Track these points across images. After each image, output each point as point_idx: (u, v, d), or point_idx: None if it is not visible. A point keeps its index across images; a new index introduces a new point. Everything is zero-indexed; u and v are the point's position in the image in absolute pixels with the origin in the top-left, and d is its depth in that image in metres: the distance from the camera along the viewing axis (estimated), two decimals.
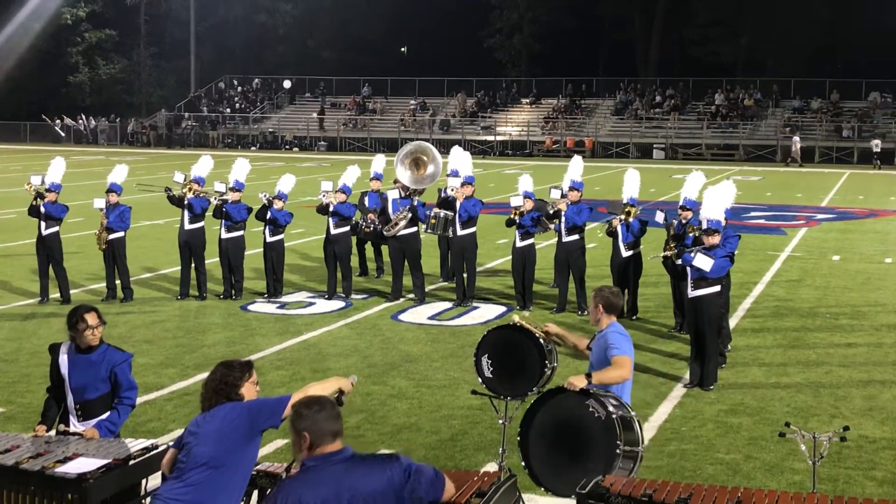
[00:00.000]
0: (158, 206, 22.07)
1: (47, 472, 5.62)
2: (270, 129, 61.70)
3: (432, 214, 15.02)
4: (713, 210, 10.80)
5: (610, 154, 53.83)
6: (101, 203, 14.79)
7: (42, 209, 14.51)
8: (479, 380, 6.84)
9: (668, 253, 11.07)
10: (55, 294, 14.67)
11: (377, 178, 16.68)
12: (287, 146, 59.46)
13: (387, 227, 14.87)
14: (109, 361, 6.43)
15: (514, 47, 67.81)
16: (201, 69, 68.31)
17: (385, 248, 16.15)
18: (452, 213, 14.59)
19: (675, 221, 12.58)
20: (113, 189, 14.82)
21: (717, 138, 53.91)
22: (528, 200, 14.25)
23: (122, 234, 14.71)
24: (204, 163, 15.71)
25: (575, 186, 14.32)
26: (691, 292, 10.55)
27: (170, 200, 15.23)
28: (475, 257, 14.92)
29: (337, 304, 14.65)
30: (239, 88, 67.80)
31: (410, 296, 15.01)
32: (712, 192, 11.08)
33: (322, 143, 59.28)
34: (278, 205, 14.84)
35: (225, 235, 14.89)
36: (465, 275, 14.76)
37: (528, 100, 61.61)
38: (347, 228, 15.10)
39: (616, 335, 6.50)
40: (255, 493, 6.06)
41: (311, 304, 14.76)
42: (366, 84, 64.82)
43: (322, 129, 60.94)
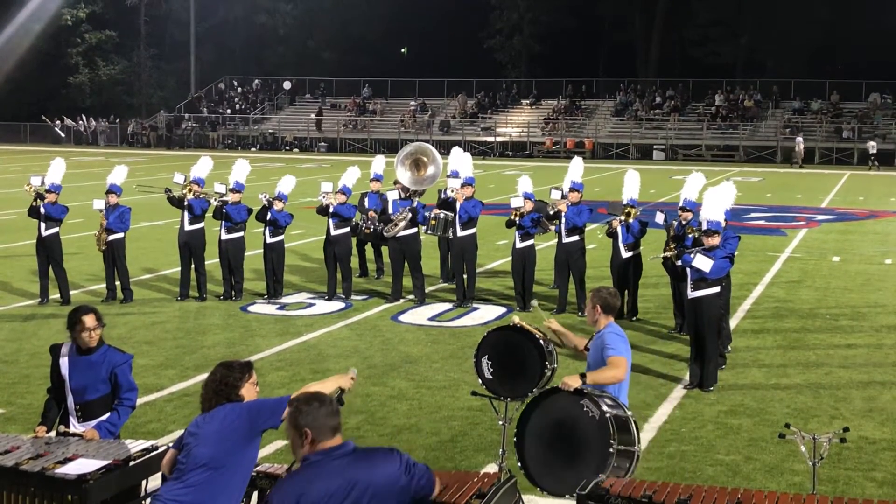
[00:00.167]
0: (158, 207, 22.07)
1: (47, 473, 5.62)
2: (270, 130, 61.71)
3: (432, 216, 15.02)
4: (713, 211, 10.80)
5: (610, 155, 53.84)
6: (100, 204, 14.79)
7: (42, 210, 14.50)
8: (479, 381, 6.84)
9: (667, 254, 11.07)
10: (55, 295, 14.67)
11: (377, 179, 16.70)
12: (287, 147, 59.48)
13: (387, 227, 14.87)
14: (110, 363, 6.44)
15: (514, 48, 67.81)
16: (201, 70, 68.33)
17: (385, 250, 16.15)
18: (452, 214, 14.60)
19: (675, 222, 12.58)
20: (113, 190, 14.82)
21: (717, 139, 53.92)
22: (528, 201, 14.27)
23: (121, 235, 14.71)
24: (204, 164, 15.70)
25: (575, 187, 14.32)
26: (691, 293, 10.55)
27: (170, 201, 15.23)
28: (475, 258, 14.92)
29: (337, 305, 14.65)
30: (239, 89, 67.83)
31: (410, 297, 15.01)
32: (712, 193, 11.08)
33: (322, 144, 59.30)
34: (278, 206, 14.83)
35: (225, 236, 14.89)
36: (465, 276, 14.76)
37: (528, 101, 61.64)
38: (347, 229, 15.10)
39: (612, 336, 6.50)
40: (255, 495, 6.06)
41: (311, 305, 14.76)
42: (366, 85, 64.85)
43: (319, 130, 60.91)
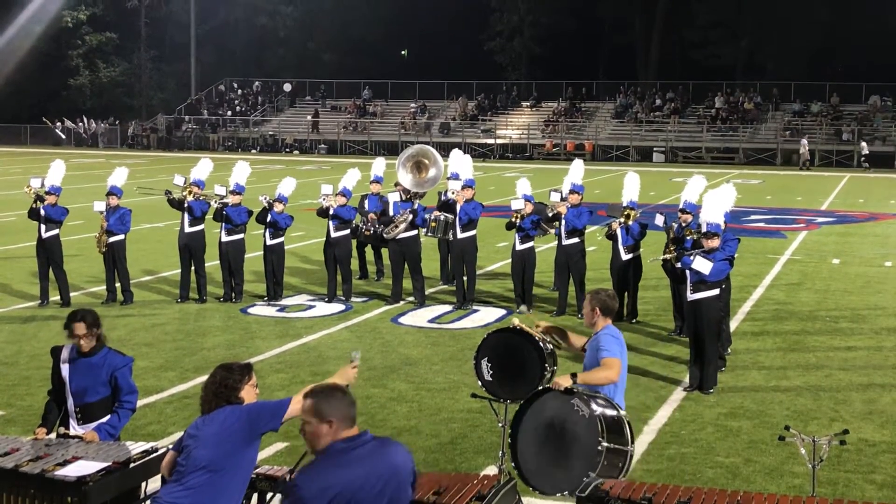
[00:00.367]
0: (158, 208, 22.08)
1: (47, 475, 5.63)
2: (271, 132, 61.71)
3: (432, 218, 15.03)
4: (713, 213, 10.81)
5: (610, 157, 53.85)
6: (101, 206, 14.78)
7: (42, 212, 14.50)
8: (479, 383, 6.84)
9: (667, 256, 11.07)
10: (55, 297, 14.66)
11: (377, 181, 16.70)
12: (287, 149, 59.50)
13: (387, 229, 14.87)
14: (110, 365, 6.45)
15: (515, 50, 67.82)
16: (202, 72, 68.33)
17: (385, 252, 16.15)
18: (452, 216, 14.60)
19: (675, 224, 12.58)
20: (113, 192, 14.82)
21: (717, 141, 53.93)
22: (528, 204, 14.28)
23: (122, 237, 14.70)
24: (204, 166, 15.69)
25: (575, 189, 14.33)
26: (690, 295, 10.55)
27: (170, 203, 15.22)
28: (475, 260, 14.92)
29: (337, 308, 14.64)
30: (239, 91, 67.85)
31: (410, 299, 15.01)
32: (712, 195, 11.09)
33: (322, 146, 59.31)
34: (278, 208, 14.83)
35: (225, 238, 14.88)
36: (465, 278, 14.76)
37: (528, 103, 61.64)
38: (347, 231, 15.10)
39: (608, 337, 6.50)
40: (255, 497, 6.06)
41: (311, 307, 14.76)
42: (366, 87, 64.87)
43: (317, 131, 60.87)
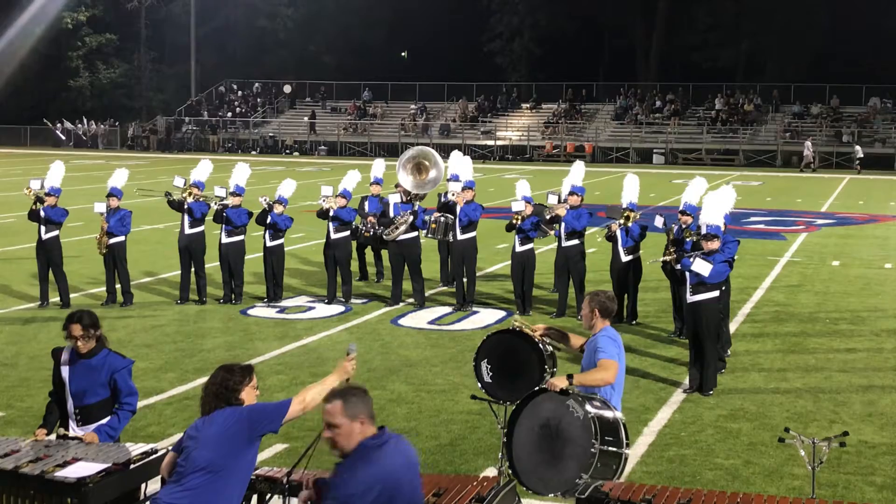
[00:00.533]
0: (159, 210, 22.08)
1: (47, 476, 5.63)
2: (271, 134, 61.70)
3: (433, 219, 15.03)
4: (712, 215, 10.82)
5: (610, 159, 53.86)
6: (101, 207, 14.78)
7: (42, 213, 14.51)
8: (479, 384, 6.84)
9: (667, 258, 11.08)
10: (55, 298, 14.67)
11: (377, 182, 16.71)
12: (287, 150, 59.50)
13: (387, 230, 14.87)
14: (110, 367, 6.44)
15: (515, 52, 67.80)
16: (202, 73, 68.32)
17: (385, 253, 16.16)
18: (453, 218, 14.61)
19: (675, 226, 12.58)
20: (113, 193, 14.82)
21: (717, 143, 53.93)
22: (528, 205, 14.28)
23: (122, 238, 14.70)
24: (204, 167, 15.70)
25: (576, 191, 14.33)
26: (690, 297, 10.55)
27: (170, 205, 15.22)
28: (475, 262, 14.93)
29: (337, 309, 14.65)
30: (239, 93, 67.84)
31: (410, 300, 15.02)
32: (712, 197, 11.10)
33: (322, 147, 59.32)
34: (278, 209, 14.83)
35: (225, 240, 14.88)
36: (465, 279, 14.77)
37: (528, 104, 61.63)
38: (347, 233, 15.10)
39: (605, 339, 6.50)
40: (255, 498, 6.06)
41: (311, 308, 14.76)
42: (366, 88, 64.86)
43: (314, 133, 60.85)
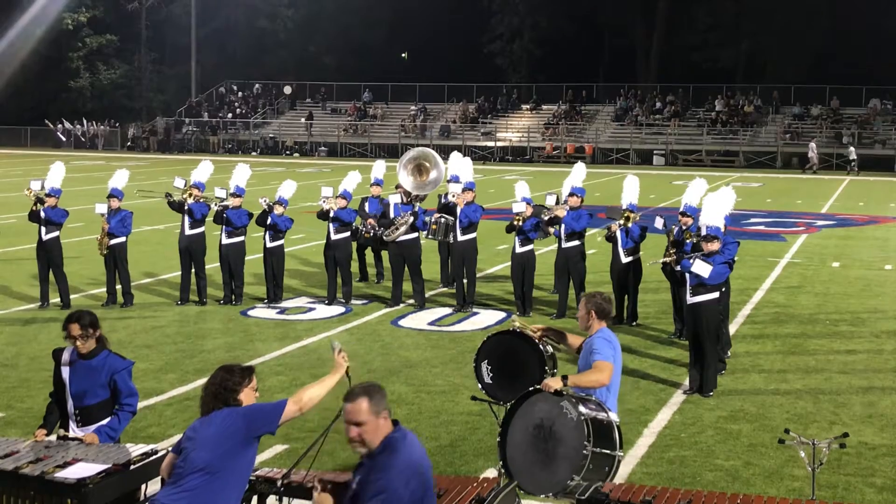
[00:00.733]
0: (159, 211, 22.08)
1: (47, 476, 5.63)
2: (271, 135, 61.71)
3: (433, 220, 15.04)
4: (712, 216, 10.82)
5: (610, 160, 53.86)
6: (102, 208, 14.78)
7: (42, 214, 14.51)
8: (479, 385, 6.84)
9: (666, 259, 11.08)
10: (55, 299, 14.67)
11: (377, 183, 16.71)
12: (287, 151, 59.50)
13: (387, 231, 14.87)
14: (110, 368, 6.44)
15: (515, 53, 67.82)
16: (202, 74, 68.31)
17: (385, 254, 16.16)
18: (453, 219, 14.61)
19: (675, 227, 12.58)
20: (114, 194, 14.81)
21: (718, 144, 53.93)
22: (528, 206, 14.29)
23: (123, 239, 14.70)
24: (204, 168, 15.70)
25: (576, 192, 14.32)
26: (690, 299, 10.55)
27: (170, 206, 15.22)
28: (475, 263, 14.93)
29: (337, 310, 14.65)
30: (239, 93, 67.84)
31: (410, 301, 15.02)
32: (712, 198, 11.11)
33: (322, 148, 59.31)
34: (279, 210, 14.83)
35: (225, 241, 14.88)
36: (465, 280, 14.77)
37: (528, 105, 61.62)
38: (348, 234, 15.10)
39: (601, 341, 6.49)
40: (255, 499, 6.06)
41: (311, 309, 14.76)
42: (366, 89, 64.86)
43: (310, 134, 60.83)
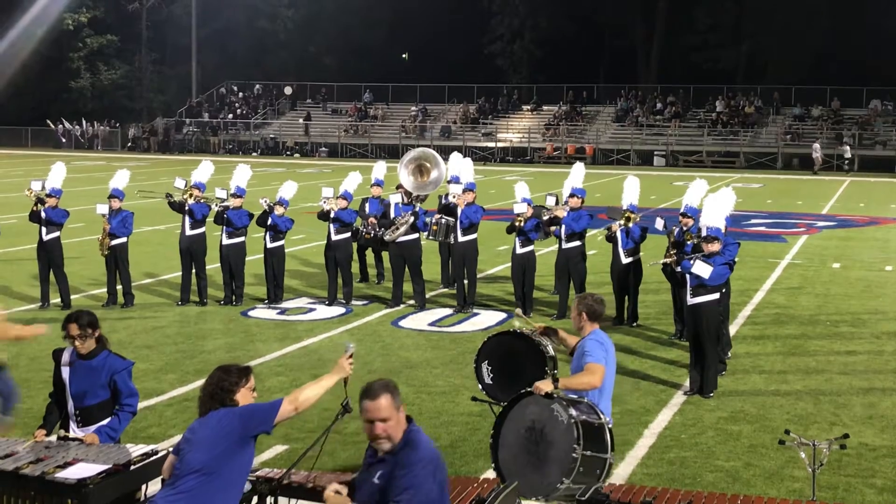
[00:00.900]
0: (159, 211, 22.08)
1: (47, 477, 5.63)
2: (271, 135, 61.71)
3: (434, 221, 15.04)
4: (713, 217, 10.82)
5: (611, 161, 53.85)
6: (103, 209, 14.77)
7: (43, 214, 14.51)
8: (480, 386, 6.85)
9: (667, 260, 11.08)
10: (56, 299, 14.68)
11: (378, 184, 16.71)
12: (288, 152, 59.50)
13: (388, 231, 14.87)
14: (110, 369, 6.44)
15: (515, 54, 67.82)
16: (202, 75, 68.33)
17: (385, 255, 16.16)
18: (454, 220, 14.60)
19: (676, 228, 12.58)
20: (115, 195, 14.81)
21: (718, 145, 53.93)
22: (529, 207, 14.29)
23: (124, 239, 14.70)
24: (204, 168, 15.71)
25: (576, 193, 14.32)
26: (690, 300, 10.55)
27: (170, 206, 15.23)
28: (476, 264, 14.93)
29: (337, 310, 14.65)
30: (240, 94, 67.84)
31: (411, 302, 15.02)
32: (712, 199, 11.11)
33: (323, 149, 59.31)
34: (279, 211, 14.84)
35: (226, 241, 14.89)
36: (466, 281, 14.77)
37: (528, 106, 61.61)
38: (348, 234, 15.11)
39: (593, 343, 6.48)
40: (255, 500, 6.05)
41: (312, 309, 14.76)
42: (367, 90, 64.88)
43: (307, 134, 60.79)
